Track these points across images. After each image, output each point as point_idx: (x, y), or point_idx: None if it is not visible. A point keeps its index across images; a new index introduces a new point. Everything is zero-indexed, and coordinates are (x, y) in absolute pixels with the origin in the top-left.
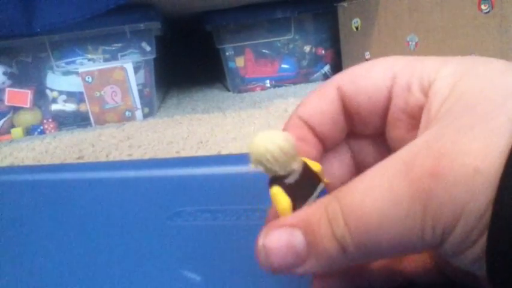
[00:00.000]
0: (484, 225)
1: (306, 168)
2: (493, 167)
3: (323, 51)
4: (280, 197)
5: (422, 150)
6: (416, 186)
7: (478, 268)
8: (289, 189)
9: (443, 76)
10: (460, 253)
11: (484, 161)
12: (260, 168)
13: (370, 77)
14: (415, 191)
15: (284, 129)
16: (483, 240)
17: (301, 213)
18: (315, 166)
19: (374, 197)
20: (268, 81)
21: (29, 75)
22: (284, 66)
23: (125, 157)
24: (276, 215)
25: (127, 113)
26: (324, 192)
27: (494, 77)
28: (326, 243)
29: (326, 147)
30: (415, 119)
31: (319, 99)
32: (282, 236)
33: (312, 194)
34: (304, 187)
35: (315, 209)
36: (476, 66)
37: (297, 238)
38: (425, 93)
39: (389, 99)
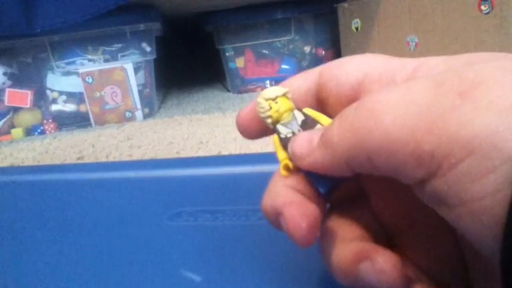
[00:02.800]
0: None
1: (307, 118)
2: None
3: (323, 52)
4: (277, 147)
5: (454, 76)
6: (439, 100)
7: (487, 238)
8: (285, 139)
9: (433, 58)
10: (469, 201)
11: None
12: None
13: (343, 68)
14: (436, 102)
15: None
16: (505, 196)
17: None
18: (321, 117)
19: (389, 93)
20: (268, 81)
21: (29, 76)
22: (284, 66)
23: (125, 157)
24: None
25: (127, 113)
26: None
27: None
28: (336, 130)
29: None
30: None
31: (300, 79)
32: (309, 132)
33: None
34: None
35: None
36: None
37: (316, 134)
38: (396, 84)
39: (358, 93)
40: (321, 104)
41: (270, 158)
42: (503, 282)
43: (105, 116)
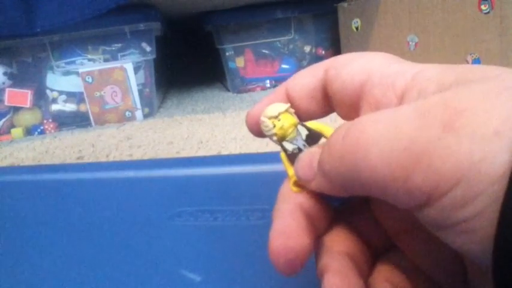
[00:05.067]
0: (497, 194)
1: (311, 132)
2: None
3: (323, 52)
4: (286, 164)
5: (439, 105)
6: (423, 133)
7: (478, 252)
8: (292, 154)
9: (429, 67)
10: (458, 224)
11: (506, 126)
12: (268, 137)
13: (348, 68)
14: (420, 135)
15: (269, 94)
16: (493, 214)
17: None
18: (324, 129)
19: (375, 123)
20: (268, 81)
21: (29, 76)
22: (284, 66)
23: (125, 157)
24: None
25: (127, 113)
26: None
27: (496, 66)
28: (327, 160)
29: (301, 119)
30: None
31: (307, 76)
32: (312, 153)
33: None
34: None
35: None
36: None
37: (316, 156)
38: (395, 91)
39: (361, 94)
40: (328, 101)
41: (270, 158)
42: None
43: (105, 115)
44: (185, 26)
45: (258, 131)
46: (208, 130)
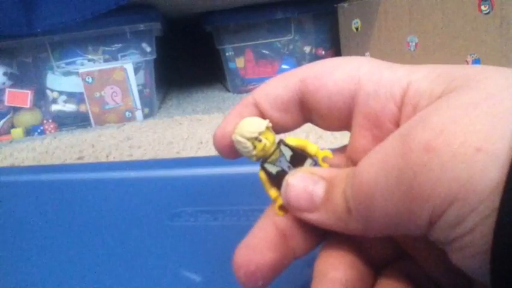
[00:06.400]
0: (488, 209)
1: (295, 152)
2: (498, 148)
3: (323, 52)
4: (266, 185)
5: (419, 124)
6: (407, 159)
7: (475, 266)
8: (276, 176)
9: (421, 76)
10: (454, 240)
11: (487, 141)
12: (247, 157)
13: (333, 77)
14: (406, 163)
15: (236, 107)
16: (485, 229)
17: (332, 171)
18: (306, 145)
19: (371, 166)
20: None
21: (29, 76)
22: (284, 66)
23: (125, 157)
24: None
25: (127, 113)
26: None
27: (486, 68)
28: (337, 200)
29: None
30: (380, 129)
31: (279, 87)
32: (306, 180)
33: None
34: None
35: (343, 171)
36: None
37: (318, 187)
38: (395, 100)
39: (351, 104)
40: (303, 113)
41: None
42: None
43: (105, 116)
44: (185, 26)
45: (230, 153)
46: (208, 130)
